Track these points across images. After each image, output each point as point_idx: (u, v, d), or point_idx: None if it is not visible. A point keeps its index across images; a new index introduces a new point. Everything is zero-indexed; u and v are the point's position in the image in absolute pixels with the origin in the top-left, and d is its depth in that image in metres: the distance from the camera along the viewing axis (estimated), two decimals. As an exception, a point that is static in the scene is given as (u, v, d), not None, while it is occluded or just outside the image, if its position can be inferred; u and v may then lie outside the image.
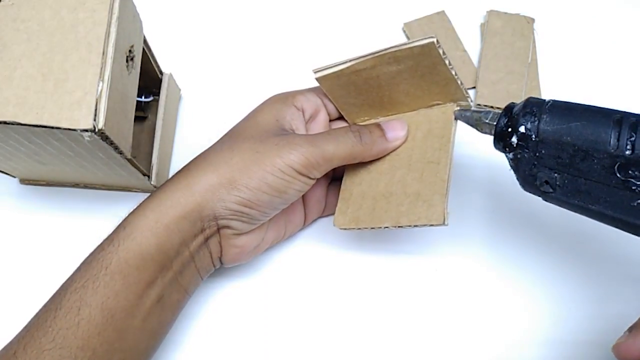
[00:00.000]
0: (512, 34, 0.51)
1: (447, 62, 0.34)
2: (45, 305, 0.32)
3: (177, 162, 0.47)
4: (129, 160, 0.37)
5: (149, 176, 0.42)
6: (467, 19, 0.53)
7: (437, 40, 0.33)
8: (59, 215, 0.45)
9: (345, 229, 0.39)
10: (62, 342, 0.30)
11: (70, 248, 0.44)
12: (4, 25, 0.32)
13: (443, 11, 0.53)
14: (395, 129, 0.38)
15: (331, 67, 0.36)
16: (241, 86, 0.50)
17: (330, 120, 0.41)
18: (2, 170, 0.42)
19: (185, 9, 0.53)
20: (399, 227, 0.36)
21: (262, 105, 0.39)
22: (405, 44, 0.34)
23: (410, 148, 0.38)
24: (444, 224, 0.34)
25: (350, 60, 0.36)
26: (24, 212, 0.45)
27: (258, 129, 0.36)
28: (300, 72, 0.49)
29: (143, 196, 0.45)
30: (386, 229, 0.37)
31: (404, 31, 0.53)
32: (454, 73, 0.35)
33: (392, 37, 0.53)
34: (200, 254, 0.36)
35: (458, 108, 0.37)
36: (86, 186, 0.46)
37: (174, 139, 0.48)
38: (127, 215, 0.34)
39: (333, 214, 0.42)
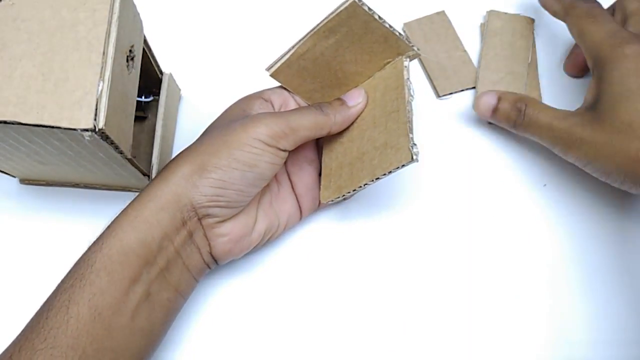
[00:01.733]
0: (512, 34, 0.51)
1: (376, 17, 0.35)
2: (39, 308, 0.33)
3: (177, 162, 0.47)
4: (129, 160, 0.37)
5: (149, 176, 0.42)
6: (467, 19, 0.53)
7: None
8: (59, 215, 0.45)
9: (331, 201, 0.40)
10: (53, 342, 0.30)
11: (70, 248, 0.44)
12: (4, 25, 0.32)
13: (443, 11, 0.53)
14: (354, 97, 0.40)
15: (278, 60, 0.38)
16: (241, 86, 0.50)
17: None
18: (2, 170, 0.42)
19: (185, 9, 0.54)
20: (376, 179, 0.37)
21: (231, 105, 0.41)
22: (331, 13, 0.35)
23: (372, 109, 0.40)
24: (413, 160, 0.35)
25: (292, 47, 0.37)
26: (24, 212, 0.45)
27: (226, 119, 0.38)
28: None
29: (143, 196, 0.45)
30: (367, 186, 0.38)
31: (404, 31, 0.53)
32: (387, 26, 0.36)
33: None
34: (187, 250, 0.36)
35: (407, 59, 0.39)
36: (86, 186, 0.46)
37: (174, 139, 0.48)
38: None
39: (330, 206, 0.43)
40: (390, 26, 0.36)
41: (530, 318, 0.42)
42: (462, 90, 0.50)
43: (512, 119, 0.43)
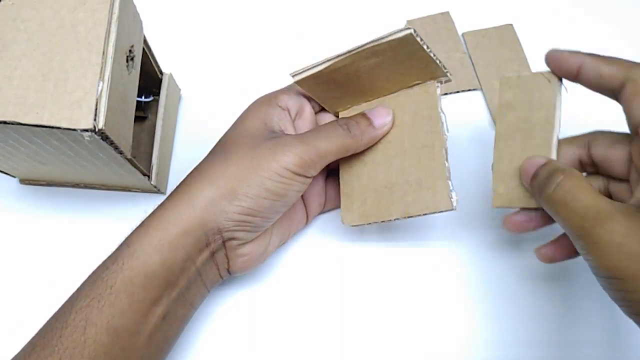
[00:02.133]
0: (497, 44, 0.51)
1: (425, 47, 0.34)
2: (49, 324, 0.32)
3: (177, 162, 0.47)
4: (129, 160, 0.37)
5: (149, 176, 0.42)
6: (471, 22, 0.52)
7: (415, 30, 0.33)
8: (59, 215, 0.45)
9: (354, 225, 0.39)
10: None
11: (70, 248, 0.44)
12: (4, 25, 0.32)
13: (448, 12, 0.53)
14: (381, 116, 0.38)
15: (309, 69, 0.36)
16: (241, 86, 0.50)
17: (315, 113, 0.41)
18: (2, 170, 0.42)
19: (185, 9, 0.53)
20: (408, 217, 0.36)
21: (247, 111, 0.38)
22: (382, 37, 0.34)
23: (400, 133, 0.38)
24: (452, 209, 0.35)
25: (328, 60, 0.36)
26: (24, 212, 0.45)
27: (248, 136, 0.36)
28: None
29: (143, 196, 0.45)
30: (396, 220, 0.37)
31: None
32: (432, 55, 0.35)
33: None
34: (207, 267, 0.36)
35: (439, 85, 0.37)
36: (86, 186, 0.46)
37: (174, 139, 0.48)
38: (130, 233, 0.34)
39: (333, 208, 0.43)
40: (435, 55, 0.35)
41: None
42: (457, 92, 0.50)
43: (541, 189, 0.32)
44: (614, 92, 0.32)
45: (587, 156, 0.35)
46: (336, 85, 0.38)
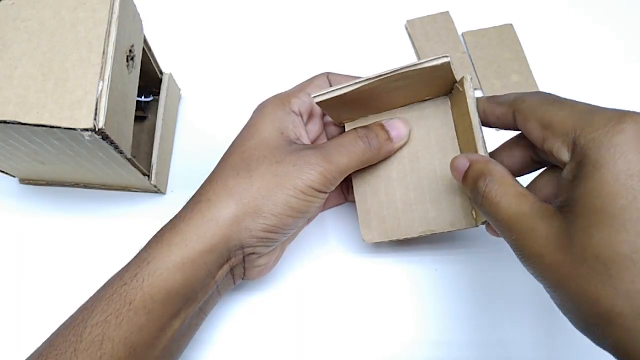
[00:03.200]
0: (497, 44, 0.51)
1: (454, 71, 0.34)
2: (62, 335, 0.31)
3: (177, 162, 0.47)
4: (129, 160, 0.37)
5: (149, 176, 0.42)
6: (471, 22, 0.53)
7: (451, 58, 0.32)
8: (59, 215, 0.45)
9: (376, 243, 0.39)
10: None
11: (70, 248, 0.44)
12: (4, 25, 0.32)
13: (448, 12, 0.53)
14: (399, 129, 0.38)
15: (331, 91, 0.35)
16: (241, 86, 0.50)
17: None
18: (2, 170, 0.42)
19: (185, 9, 0.54)
20: (432, 234, 0.37)
21: (261, 116, 0.37)
22: (419, 64, 0.33)
23: (415, 148, 0.39)
24: (476, 226, 0.36)
25: (356, 84, 0.34)
26: (24, 212, 0.45)
27: (269, 147, 0.35)
28: (302, 71, 0.49)
29: (143, 196, 0.45)
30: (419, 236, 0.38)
31: (407, 28, 0.53)
32: (457, 77, 0.35)
33: (395, 34, 0.53)
34: (225, 280, 0.36)
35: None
36: (86, 186, 0.46)
37: (174, 139, 0.48)
38: (146, 246, 0.34)
39: (334, 205, 0.43)
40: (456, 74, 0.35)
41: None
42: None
43: (471, 196, 0.32)
44: (514, 127, 0.33)
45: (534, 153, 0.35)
46: (352, 102, 0.37)
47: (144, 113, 0.46)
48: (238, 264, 0.35)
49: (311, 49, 0.52)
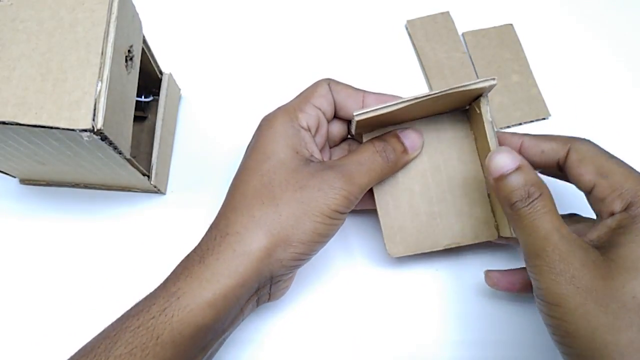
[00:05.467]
0: (497, 44, 0.51)
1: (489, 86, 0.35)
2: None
3: (177, 162, 0.47)
4: (128, 160, 0.37)
5: (148, 176, 0.42)
6: (471, 22, 0.52)
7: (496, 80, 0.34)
8: (59, 215, 0.45)
9: (402, 256, 0.39)
10: None
11: (70, 248, 0.44)
12: (2, 26, 0.32)
13: (448, 12, 0.53)
14: (413, 139, 0.38)
15: (375, 109, 0.34)
16: (241, 86, 0.50)
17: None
18: (2, 170, 0.42)
19: (185, 9, 0.53)
20: (456, 246, 0.39)
21: (272, 135, 0.36)
22: (465, 85, 0.33)
23: (436, 160, 0.39)
24: (498, 237, 0.39)
25: (402, 102, 0.34)
26: (24, 212, 0.45)
27: (288, 170, 0.34)
28: (302, 71, 0.49)
29: (143, 196, 0.45)
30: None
31: (407, 28, 0.53)
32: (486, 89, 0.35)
33: (395, 34, 0.53)
34: (250, 307, 0.36)
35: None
36: (86, 186, 0.46)
37: (174, 139, 0.48)
38: (172, 279, 0.33)
39: None
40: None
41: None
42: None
43: (511, 200, 0.32)
44: (557, 164, 0.36)
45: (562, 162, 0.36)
46: (383, 117, 0.36)
47: (144, 113, 0.46)
48: (264, 292, 0.35)
49: (311, 49, 0.52)
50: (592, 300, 0.29)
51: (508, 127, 0.48)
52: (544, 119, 0.49)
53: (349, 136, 0.41)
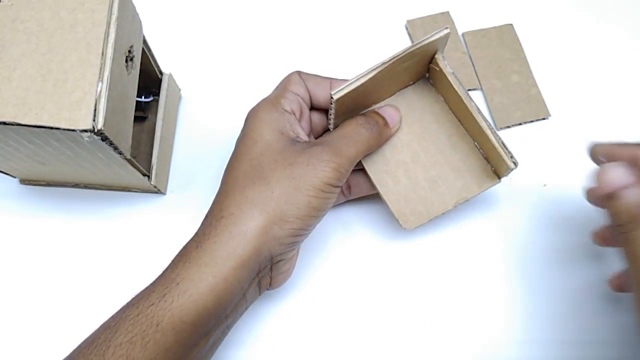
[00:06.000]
0: (497, 44, 0.51)
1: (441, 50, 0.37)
2: (83, 354, 0.30)
3: (177, 162, 0.47)
4: (128, 160, 0.37)
5: (148, 176, 0.42)
6: (471, 22, 0.52)
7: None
8: (59, 215, 0.45)
9: (416, 227, 0.40)
10: None
11: (70, 248, 0.44)
12: (3, 26, 0.32)
13: (448, 12, 0.53)
14: (392, 114, 0.40)
15: (350, 83, 0.35)
16: (241, 86, 0.50)
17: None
18: (2, 170, 0.42)
19: (185, 9, 0.53)
20: (465, 201, 0.40)
21: (257, 121, 0.36)
22: (426, 39, 0.35)
23: (415, 129, 0.41)
24: (499, 181, 0.40)
25: (371, 70, 0.35)
26: (24, 212, 0.45)
27: (275, 150, 0.35)
28: (302, 70, 0.48)
29: (143, 196, 0.45)
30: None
31: (407, 28, 0.53)
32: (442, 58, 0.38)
33: (395, 34, 0.53)
34: (253, 294, 0.35)
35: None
36: (86, 186, 0.46)
37: (174, 139, 0.48)
38: (171, 266, 0.33)
39: (335, 204, 0.43)
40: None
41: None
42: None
43: (621, 220, 0.30)
44: None
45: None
46: (357, 96, 0.37)
47: (144, 113, 0.46)
48: (265, 275, 0.35)
49: (311, 49, 0.52)
50: None
51: (508, 127, 0.48)
52: (544, 119, 0.49)
53: (329, 128, 0.41)
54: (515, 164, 0.37)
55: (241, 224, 0.32)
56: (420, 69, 0.39)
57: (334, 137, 0.36)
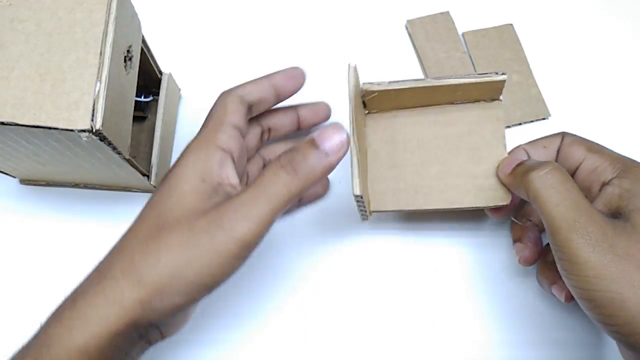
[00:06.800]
0: (497, 44, 0.51)
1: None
2: None
3: (177, 162, 0.47)
4: (127, 160, 0.37)
5: (148, 176, 0.42)
6: (471, 22, 0.52)
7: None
8: (59, 215, 0.45)
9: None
10: None
11: (70, 248, 0.44)
12: (1, 26, 0.32)
13: (448, 12, 0.53)
14: (331, 138, 0.30)
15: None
16: (241, 86, 0.50)
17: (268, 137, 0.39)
18: (2, 170, 0.42)
19: (185, 9, 0.53)
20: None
21: (183, 162, 0.32)
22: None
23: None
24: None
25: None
26: (24, 213, 0.45)
27: (184, 208, 0.30)
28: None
29: (143, 196, 0.45)
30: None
31: (407, 28, 0.53)
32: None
33: (395, 34, 0.53)
34: (140, 350, 0.32)
35: None
36: (86, 186, 0.46)
37: (173, 139, 0.48)
38: (44, 326, 0.30)
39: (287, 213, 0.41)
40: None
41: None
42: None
43: (532, 169, 0.34)
44: (557, 152, 0.38)
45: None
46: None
47: (144, 113, 0.46)
48: (153, 334, 0.32)
49: (311, 49, 0.51)
50: (634, 265, 0.29)
51: (508, 127, 0.48)
52: (544, 119, 0.49)
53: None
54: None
55: (119, 290, 0.29)
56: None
57: (248, 192, 0.30)
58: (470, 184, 0.39)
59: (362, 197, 0.34)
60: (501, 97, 0.40)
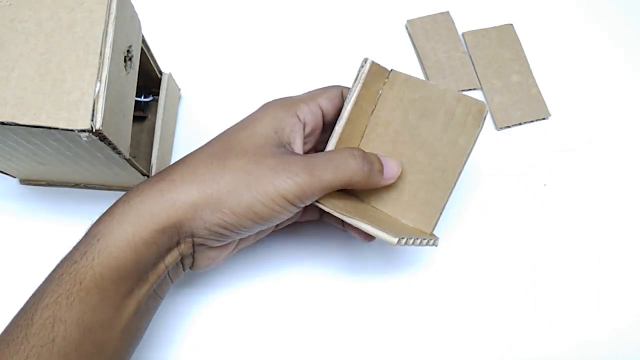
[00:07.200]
0: (497, 44, 0.51)
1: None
2: (13, 322, 0.30)
3: (177, 162, 0.47)
4: (127, 160, 0.37)
5: (148, 176, 0.42)
6: (471, 22, 0.52)
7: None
8: (59, 215, 0.45)
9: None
10: None
11: (70, 248, 0.44)
12: (1, 26, 0.32)
13: (448, 12, 0.53)
14: (391, 167, 0.36)
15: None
16: (241, 86, 0.50)
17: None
18: (2, 170, 0.42)
19: (185, 9, 0.54)
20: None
21: (262, 111, 0.36)
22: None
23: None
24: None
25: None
26: (24, 212, 0.45)
27: (254, 143, 0.34)
28: (302, 70, 0.49)
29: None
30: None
31: (407, 28, 0.53)
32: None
33: (395, 34, 0.53)
34: (174, 267, 0.35)
35: None
36: (86, 186, 0.46)
37: (173, 139, 0.48)
38: (96, 222, 0.32)
39: (310, 220, 0.41)
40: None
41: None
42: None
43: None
44: None
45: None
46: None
47: (144, 113, 0.46)
48: (188, 254, 0.34)
49: (311, 49, 0.52)
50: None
51: (508, 127, 0.48)
52: (544, 119, 0.49)
53: None
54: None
55: (175, 191, 0.32)
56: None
57: (319, 156, 0.34)
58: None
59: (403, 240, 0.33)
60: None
